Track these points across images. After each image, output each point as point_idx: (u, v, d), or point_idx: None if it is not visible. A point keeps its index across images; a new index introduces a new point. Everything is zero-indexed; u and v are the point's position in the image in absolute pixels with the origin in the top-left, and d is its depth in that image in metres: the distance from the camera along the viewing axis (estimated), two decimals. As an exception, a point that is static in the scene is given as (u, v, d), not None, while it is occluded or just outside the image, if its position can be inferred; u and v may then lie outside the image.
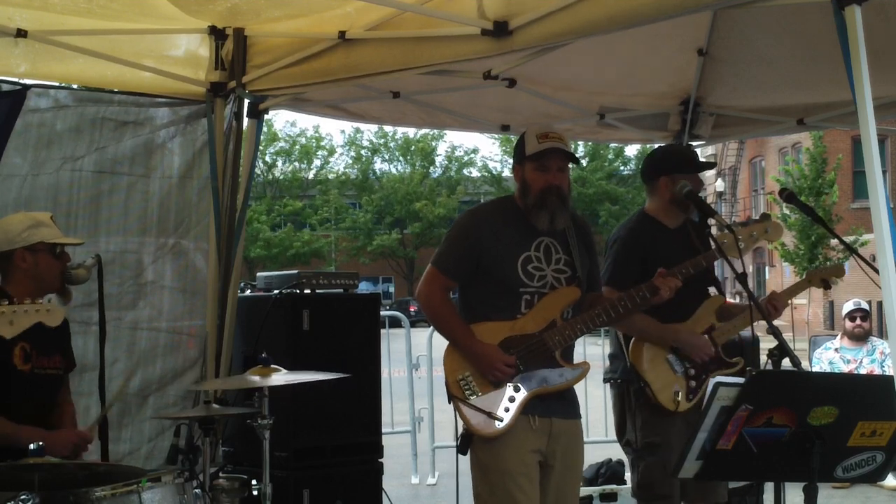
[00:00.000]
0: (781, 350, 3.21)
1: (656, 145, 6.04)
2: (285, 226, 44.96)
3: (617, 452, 7.52)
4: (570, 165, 3.83)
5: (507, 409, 3.64)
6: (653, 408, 4.16)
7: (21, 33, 4.31)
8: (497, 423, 3.61)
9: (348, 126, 47.78)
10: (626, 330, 4.21)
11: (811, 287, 4.77)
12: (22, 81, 4.69)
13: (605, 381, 4.49)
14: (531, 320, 3.72)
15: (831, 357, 8.07)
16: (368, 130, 46.79)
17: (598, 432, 8.52)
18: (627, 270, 4.09)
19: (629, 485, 6.89)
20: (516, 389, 3.66)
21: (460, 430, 3.69)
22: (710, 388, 2.75)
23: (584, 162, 41.94)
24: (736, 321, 4.33)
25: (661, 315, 4.12)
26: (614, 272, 4.21)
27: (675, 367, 4.19)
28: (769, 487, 3.07)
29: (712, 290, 4.38)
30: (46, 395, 3.83)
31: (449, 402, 3.70)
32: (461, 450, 3.69)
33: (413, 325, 9.67)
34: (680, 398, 4.12)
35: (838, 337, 8.28)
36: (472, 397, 3.65)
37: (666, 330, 4.18)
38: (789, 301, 4.48)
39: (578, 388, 3.87)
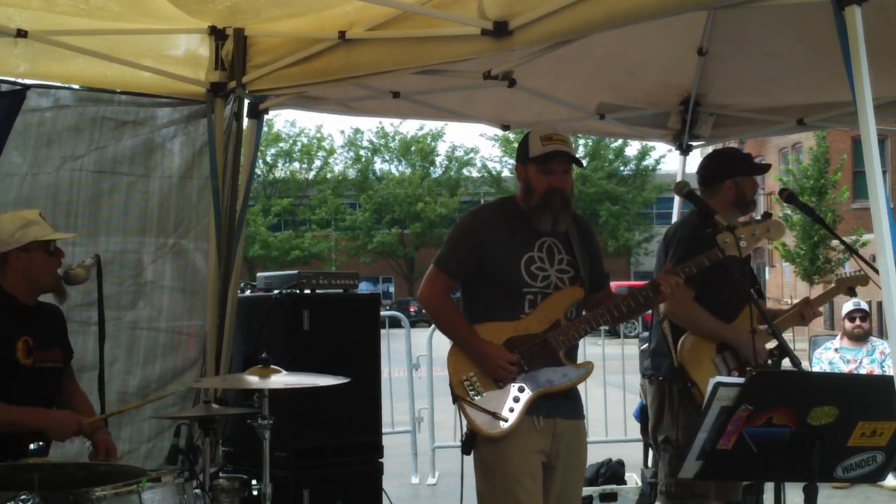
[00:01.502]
0: (781, 350, 3.22)
1: (656, 145, 6.05)
2: (284, 226, 45.00)
3: (617, 452, 7.57)
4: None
5: (511, 410, 3.63)
6: (697, 408, 4.17)
7: (21, 33, 4.30)
8: (502, 423, 3.61)
9: (348, 126, 47.89)
10: (690, 326, 4.24)
11: (841, 293, 4.94)
12: (22, 81, 4.69)
13: (645, 377, 4.52)
14: (535, 320, 3.72)
15: (831, 357, 8.07)
16: (368, 131, 46.87)
17: (598, 432, 8.52)
18: None
19: (629, 485, 6.97)
20: (521, 390, 3.66)
21: (464, 430, 3.68)
22: (709, 388, 2.75)
23: (584, 161, 41.92)
24: (776, 324, 4.39)
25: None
26: None
27: (721, 369, 4.25)
28: (769, 487, 3.07)
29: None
30: (49, 389, 3.84)
31: (453, 403, 3.70)
32: (465, 450, 3.68)
33: (413, 325, 9.67)
34: None
35: (838, 337, 8.28)
36: (476, 397, 3.64)
37: (732, 331, 4.26)
38: (789, 299, 4.54)
39: (579, 388, 3.87)
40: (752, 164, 4.52)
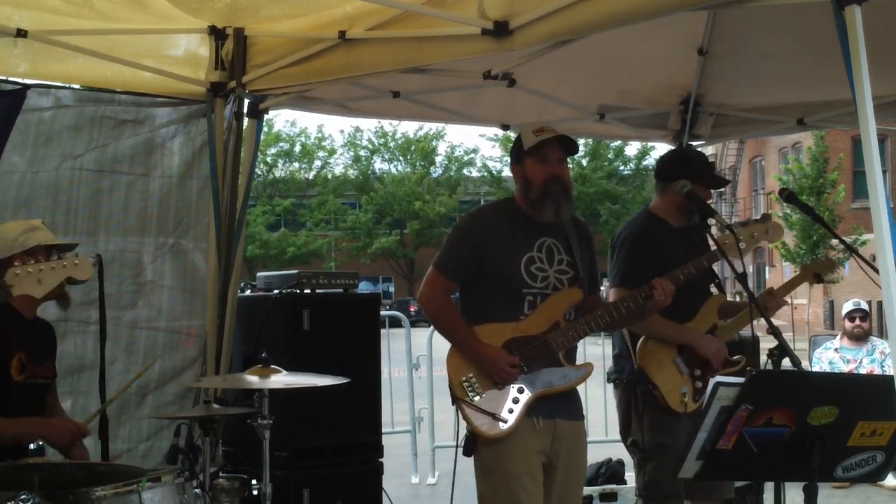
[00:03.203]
0: (781, 350, 3.21)
1: (656, 144, 6.05)
2: (284, 226, 45.05)
3: (617, 452, 7.56)
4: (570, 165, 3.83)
5: (511, 411, 3.63)
6: (661, 409, 4.17)
7: (21, 33, 4.30)
8: (501, 424, 3.61)
9: (348, 126, 47.91)
10: (645, 332, 4.22)
11: (806, 282, 4.79)
12: (22, 81, 4.68)
13: (610, 381, 4.49)
14: (534, 322, 3.72)
15: (831, 357, 8.07)
16: (368, 130, 46.88)
17: (598, 432, 8.52)
18: (641, 270, 4.03)
19: (629, 485, 6.97)
20: (520, 391, 3.66)
21: (464, 431, 3.68)
22: (710, 388, 2.75)
23: (584, 161, 41.96)
24: (737, 319, 4.37)
25: (666, 314, 4.12)
26: (627, 272, 4.18)
27: (682, 369, 4.22)
28: (769, 487, 3.07)
29: (712, 289, 4.39)
30: (37, 404, 3.80)
31: (453, 404, 3.69)
32: (466, 452, 3.67)
33: (413, 325, 9.67)
34: (687, 399, 4.15)
35: (838, 337, 8.28)
36: (475, 398, 3.64)
37: (687, 332, 4.23)
38: (788, 298, 4.51)
39: (579, 388, 3.87)
40: (709, 174, 4.39)
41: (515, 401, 3.64)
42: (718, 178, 4.49)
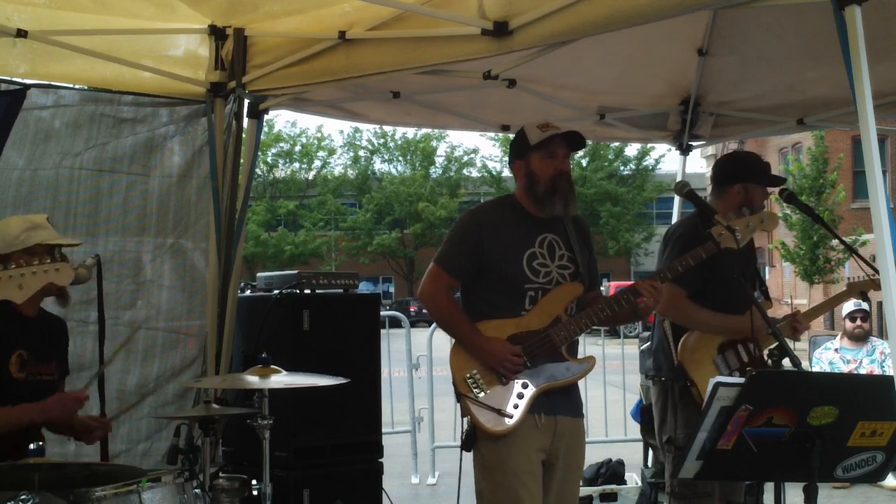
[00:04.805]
0: (781, 350, 3.22)
1: (656, 145, 6.05)
2: (281, 226, 45.05)
3: (617, 452, 7.58)
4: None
5: (516, 406, 3.63)
6: (697, 406, 4.15)
7: (21, 33, 4.30)
8: (507, 419, 3.61)
9: (347, 126, 47.88)
10: (684, 322, 4.21)
11: (852, 297, 4.94)
12: (22, 82, 4.68)
13: (649, 377, 4.48)
14: (535, 317, 3.72)
15: (831, 357, 8.07)
16: (367, 131, 46.84)
17: (598, 432, 8.53)
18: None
19: (629, 485, 6.97)
20: (524, 386, 3.66)
21: (464, 427, 3.67)
22: (709, 388, 2.75)
23: (584, 162, 41.98)
24: (781, 326, 4.36)
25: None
26: None
27: (722, 370, 4.21)
28: (769, 487, 3.08)
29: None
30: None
31: (457, 402, 3.69)
32: (465, 447, 3.68)
33: (413, 325, 9.67)
34: None
35: (838, 337, 8.28)
36: (480, 395, 3.64)
37: (729, 319, 4.19)
38: (789, 299, 4.53)
39: (579, 387, 3.87)
40: (766, 174, 4.41)
41: (520, 396, 3.64)
42: (775, 178, 4.50)
